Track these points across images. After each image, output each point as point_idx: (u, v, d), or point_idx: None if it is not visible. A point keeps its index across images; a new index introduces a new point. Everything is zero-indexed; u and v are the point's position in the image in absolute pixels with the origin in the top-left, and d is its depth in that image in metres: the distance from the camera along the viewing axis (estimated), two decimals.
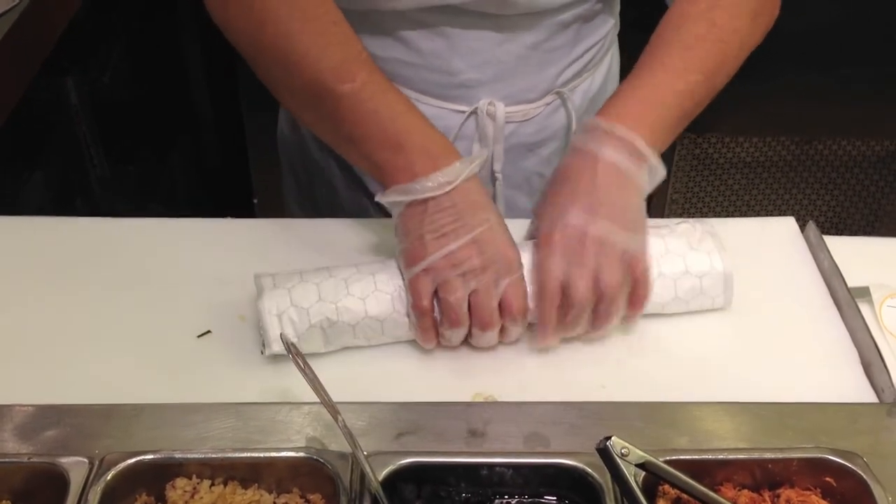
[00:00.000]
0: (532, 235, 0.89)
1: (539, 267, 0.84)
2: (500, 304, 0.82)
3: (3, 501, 0.69)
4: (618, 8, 1.11)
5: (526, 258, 0.84)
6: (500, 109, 1.04)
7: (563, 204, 0.85)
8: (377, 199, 0.87)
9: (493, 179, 1.10)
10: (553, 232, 0.84)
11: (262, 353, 0.83)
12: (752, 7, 0.93)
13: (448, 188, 0.82)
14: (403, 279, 0.84)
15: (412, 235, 0.83)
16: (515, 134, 1.08)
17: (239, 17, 0.90)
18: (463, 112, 1.04)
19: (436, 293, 0.82)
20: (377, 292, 0.83)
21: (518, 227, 0.90)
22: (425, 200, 0.82)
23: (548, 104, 1.07)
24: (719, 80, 0.93)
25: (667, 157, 0.94)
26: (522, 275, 0.84)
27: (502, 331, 0.84)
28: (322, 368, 0.72)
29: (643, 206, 0.88)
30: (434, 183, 0.82)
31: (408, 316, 0.83)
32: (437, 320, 0.83)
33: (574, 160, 0.88)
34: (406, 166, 0.83)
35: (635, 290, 0.84)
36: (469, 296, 0.81)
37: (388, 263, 0.86)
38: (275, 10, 0.87)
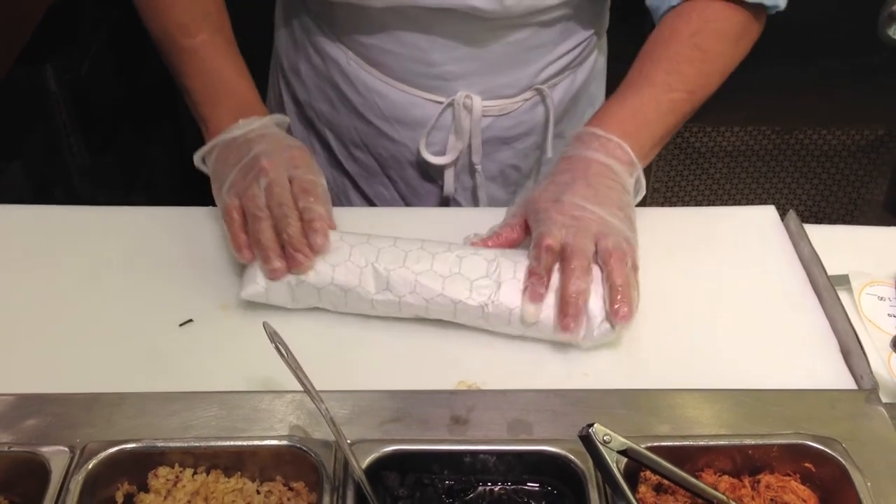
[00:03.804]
0: (510, 223, 0.88)
1: (537, 232, 0.83)
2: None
3: None
4: (607, 9, 1.11)
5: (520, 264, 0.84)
6: (477, 103, 1.04)
7: (560, 189, 0.86)
8: (197, 163, 0.95)
9: (473, 171, 1.10)
10: (551, 206, 0.84)
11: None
12: (736, 32, 0.95)
13: (243, 129, 0.91)
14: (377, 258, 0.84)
15: (218, 173, 0.91)
16: (491, 127, 1.08)
17: None
18: (440, 103, 1.04)
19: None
20: (349, 262, 0.84)
21: (495, 216, 0.91)
22: (227, 145, 0.91)
23: (526, 100, 1.08)
24: (701, 97, 0.95)
25: None
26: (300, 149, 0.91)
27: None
28: (305, 356, 0.72)
29: (633, 207, 0.89)
30: (234, 133, 0.91)
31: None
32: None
33: (568, 163, 0.89)
34: (217, 123, 0.94)
35: (621, 286, 0.81)
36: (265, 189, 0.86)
37: (373, 241, 0.86)
38: None
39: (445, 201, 1.14)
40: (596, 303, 0.82)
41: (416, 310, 0.84)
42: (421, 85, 1.04)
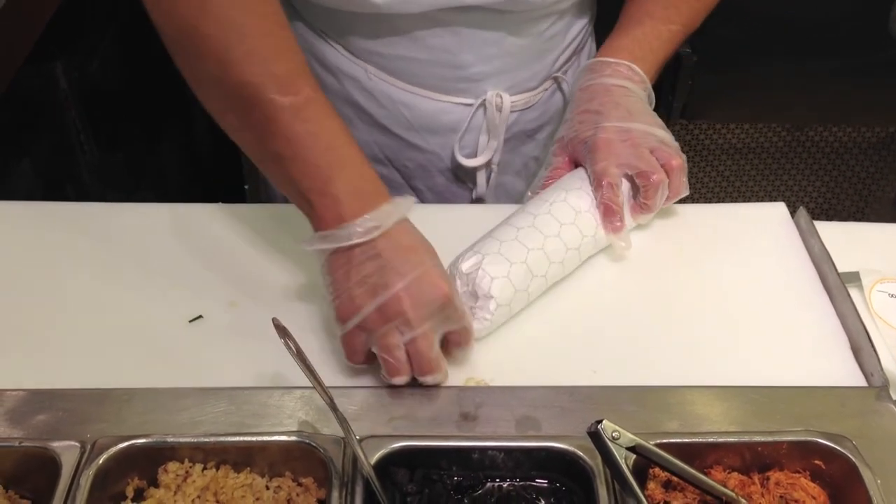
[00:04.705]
0: (556, 166, 0.97)
1: (596, 167, 0.91)
2: (444, 342, 0.79)
3: None
4: None
5: (584, 200, 0.91)
6: (507, 100, 1.05)
7: (595, 118, 0.94)
8: (303, 246, 0.79)
9: (490, 171, 1.11)
10: (596, 137, 0.92)
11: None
12: None
13: (376, 233, 0.76)
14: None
15: (340, 288, 0.77)
16: (517, 122, 1.09)
17: None
18: (469, 105, 1.05)
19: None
20: (514, 266, 0.85)
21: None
22: (351, 248, 0.76)
23: (546, 90, 1.09)
24: (690, 31, 1.06)
25: None
26: (464, 311, 0.79)
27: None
28: (314, 353, 0.72)
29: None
30: (362, 228, 0.75)
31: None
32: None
33: (588, 93, 0.98)
34: (332, 204, 0.77)
35: (673, 178, 0.92)
36: (407, 345, 0.76)
37: (499, 234, 0.88)
38: None
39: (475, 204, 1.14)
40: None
41: (574, 264, 0.90)
42: (450, 89, 1.04)
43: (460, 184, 1.13)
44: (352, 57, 1.04)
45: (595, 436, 0.65)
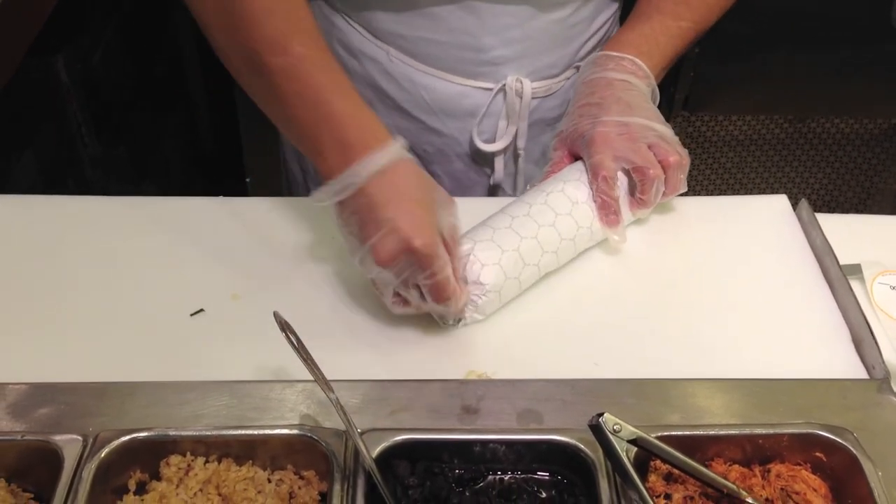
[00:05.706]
0: (555, 160, 0.97)
1: (593, 159, 0.91)
2: None
3: None
4: None
5: (582, 191, 0.91)
6: (527, 86, 1.05)
7: (595, 111, 0.94)
8: (313, 199, 0.82)
9: (516, 156, 1.11)
10: (594, 130, 0.92)
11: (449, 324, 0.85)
12: None
13: (347, 193, 0.79)
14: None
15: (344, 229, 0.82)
16: (538, 109, 1.09)
17: None
18: (489, 89, 1.05)
19: None
20: (506, 253, 0.85)
21: None
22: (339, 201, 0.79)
23: (568, 79, 1.09)
24: (703, 28, 1.05)
25: None
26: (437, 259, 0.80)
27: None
28: (316, 346, 0.72)
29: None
30: (339, 185, 0.79)
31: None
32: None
33: (590, 87, 0.97)
34: (322, 163, 0.80)
35: (670, 174, 0.92)
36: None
37: (493, 224, 0.88)
38: None
39: (492, 191, 1.14)
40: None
41: (568, 254, 0.90)
42: (470, 73, 1.04)
43: (478, 170, 1.13)
44: (373, 39, 1.04)
45: (596, 429, 0.65)
